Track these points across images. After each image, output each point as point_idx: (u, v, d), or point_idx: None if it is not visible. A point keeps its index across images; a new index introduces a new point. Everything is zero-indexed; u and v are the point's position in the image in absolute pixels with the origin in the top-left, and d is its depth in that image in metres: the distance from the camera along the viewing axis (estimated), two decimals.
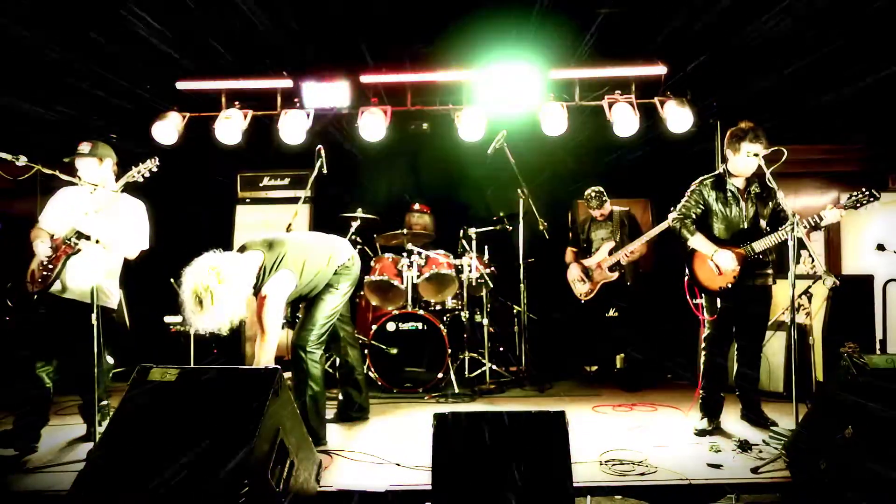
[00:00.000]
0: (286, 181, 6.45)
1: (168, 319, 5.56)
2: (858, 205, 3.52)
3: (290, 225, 5.15)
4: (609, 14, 4.89)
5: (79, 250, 3.53)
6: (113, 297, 3.83)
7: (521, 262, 5.39)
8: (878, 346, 5.31)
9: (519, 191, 5.11)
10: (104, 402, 3.77)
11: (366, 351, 5.15)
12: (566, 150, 6.19)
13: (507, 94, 5.55)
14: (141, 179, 3.74)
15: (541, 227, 4.98)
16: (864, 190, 3.49)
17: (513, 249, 5.53)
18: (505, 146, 5.15)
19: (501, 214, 5.60)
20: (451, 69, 5.61)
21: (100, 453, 2.47)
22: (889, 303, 5.56)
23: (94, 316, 3.28)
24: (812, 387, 4.49)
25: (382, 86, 5.80)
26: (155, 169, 3.74)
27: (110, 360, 3.93)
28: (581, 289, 5.67)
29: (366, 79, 5.67)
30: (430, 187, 6.54)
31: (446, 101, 5.90)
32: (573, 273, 5.73)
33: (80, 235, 3.55)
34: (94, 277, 3.35)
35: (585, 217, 5.89)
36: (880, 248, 5.63)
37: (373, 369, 5.12)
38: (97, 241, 3.45)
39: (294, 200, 5.86)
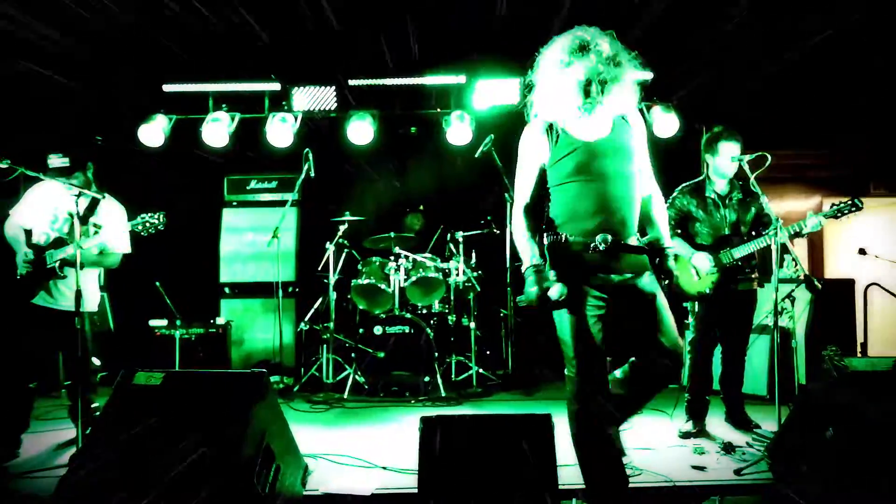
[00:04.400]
0: (273, 184, 6.42)
1: (153, 323, 5.51)
2: (840, 214, 3.55)
3: (276, 229, 5.13)
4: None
5: (64, 277, 3.52)
6: (93, 300, 3.80)
7: (508, 265, 5.40)
8: (858, 349, 5.39)
9: (506, 195, 5.13)
10: (95, 405, 3.73)
11: (353, 354, 5.14)
12: None
13: (494, 97, 5.57)
14: (144, 234, 3.70)
15: None
16: (847, 200, 3.53)
17: (500, 253, 5.55)
18: (492, 150, 5.17)
19: (489, 218, 5.61)
20: (438, 73, 5.62)
21: (82, 458, 2.45)
22: (870, 306, 5.65)
23: (77, 320, 3.26)
24: (795, 389, 4.54)
25: (370, 89, 5.80)
26: (161, 228, 3.70)
27: (96, 361, 3.89)
28: None
29: (353, 82, 5.67)
30: (417, 191, 6.54)
31: (434, 105, 5.90)
32: None
33: (59, 243, 3.54)
34: (76, 284, 3.32)
35: None
36: (862, 252, 5.72)
37: (359, 373, 5.12)
38: (82, 267, 3.37)
39: (281, 204, 5.84)
